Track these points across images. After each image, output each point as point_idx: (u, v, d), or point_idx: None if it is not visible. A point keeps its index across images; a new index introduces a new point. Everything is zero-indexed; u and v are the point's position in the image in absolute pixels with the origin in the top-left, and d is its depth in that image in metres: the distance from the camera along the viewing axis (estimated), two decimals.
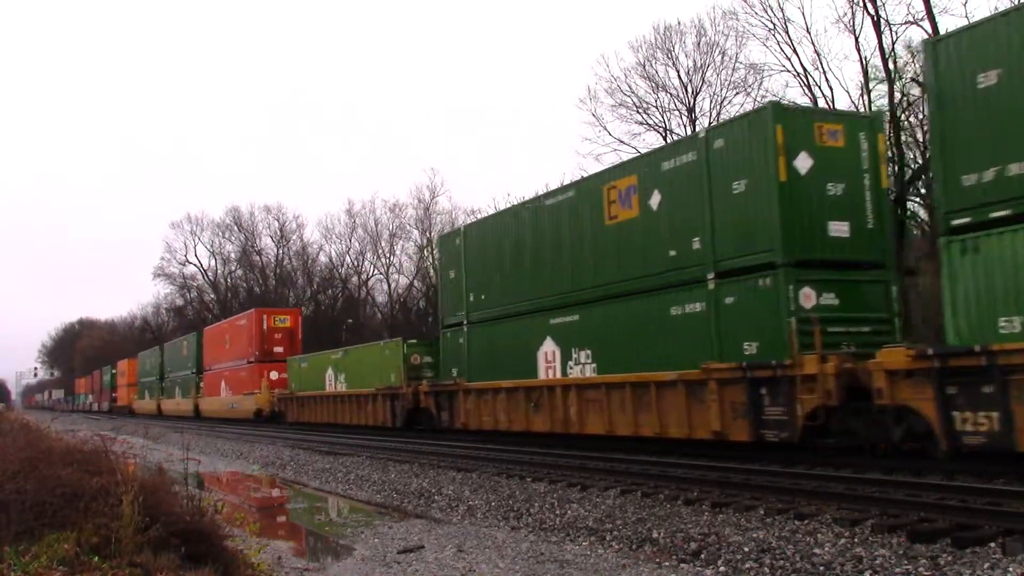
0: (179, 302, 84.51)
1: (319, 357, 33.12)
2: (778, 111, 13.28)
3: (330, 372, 31.01)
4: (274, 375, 38.18)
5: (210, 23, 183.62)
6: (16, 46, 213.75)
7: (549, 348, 18.04)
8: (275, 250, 76.08)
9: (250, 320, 40.72)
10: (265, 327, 39.76)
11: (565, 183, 23.89)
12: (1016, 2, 10.25)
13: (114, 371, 77.00)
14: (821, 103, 32.63)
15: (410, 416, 24.35)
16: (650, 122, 38.65)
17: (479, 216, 50.10)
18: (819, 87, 33.37)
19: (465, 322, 21.39)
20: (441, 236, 27.89)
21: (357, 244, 68.13)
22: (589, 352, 16.83)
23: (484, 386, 20.06)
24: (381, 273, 66.26)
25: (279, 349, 39.23)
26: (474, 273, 21.21)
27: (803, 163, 13.09)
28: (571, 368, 17.23)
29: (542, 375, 18.08)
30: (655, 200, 15.23)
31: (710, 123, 37.15)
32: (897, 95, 30.30)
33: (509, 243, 19.79)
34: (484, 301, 20.69)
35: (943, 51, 11.04)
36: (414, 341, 25.84)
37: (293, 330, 40.67)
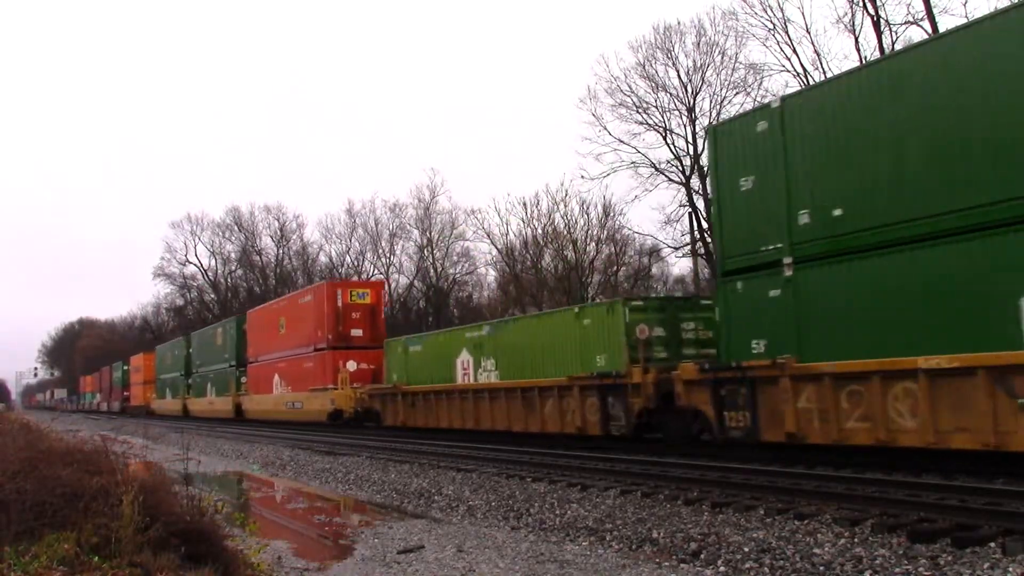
0: (179, 302, 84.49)
1: (445, 336, 24.39)
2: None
3: (465, 356, 22.28)
4: (352, 365, 29.71)
5: (211, 23, 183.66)
6: (17, 45, 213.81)
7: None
8: (275, 250, 76.09)
9: (319, 296, 31.26)
10: (340, 304, 30.41)
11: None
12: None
13: (126, 367, 70.97)
14: None
15: (645, 419, 16.12)
16: (650, 122, 38.69)
17: (477, 215, 49.96)
18: None
19: (789, 260, 12.85)
20: (720, 126, 15.59)
21: (357, 244, 68.10)
22: None
23: (847, 368, 11.69)
24: (381, 273, 66.28)
25: (357, 332, 30.34)
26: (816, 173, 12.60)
27: None
28: None
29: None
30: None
31: (709, 123, 37.25)
32: None
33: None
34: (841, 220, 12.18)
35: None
36: (639, 302, 17.36)
37: (375, 307, 31.29)
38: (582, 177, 61.60)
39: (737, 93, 36.86)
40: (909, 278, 11.05)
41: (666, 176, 39.19)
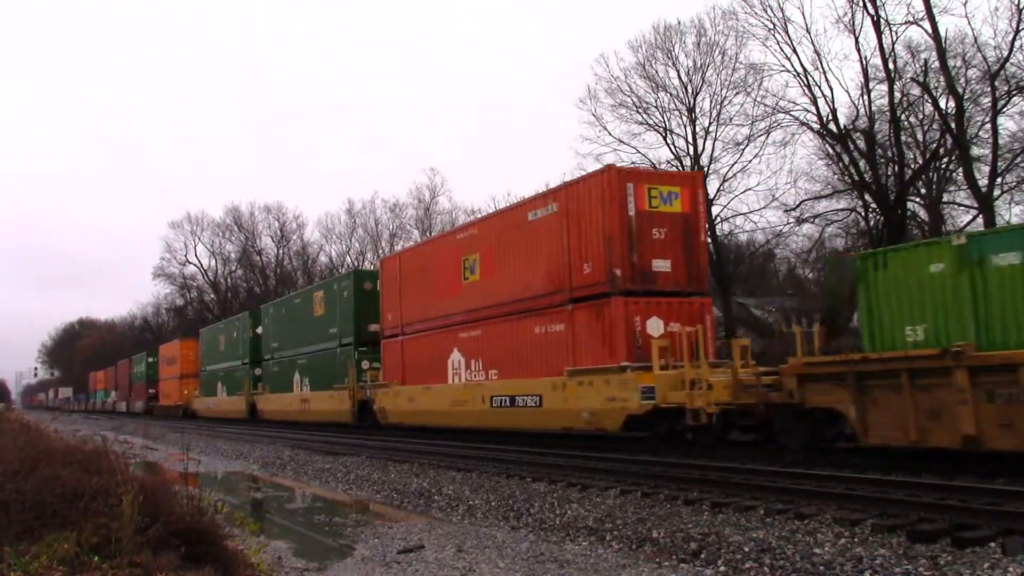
0: (179, 302, 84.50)
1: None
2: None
3: None
4: (656, 325, 15.24)
5: (211, 23, 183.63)
6: (17, 44, 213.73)
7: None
8: (275, 250, 76.10)
9: (592, 194, 16.04)
10: (632, 212, 15.59)
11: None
12: None
13: (152, 359, 59.75)
14: (821, 103, 32.41)
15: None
16: (650, 122, 38.60)
17: (477, 215, 50.31)
18: (819, 87, 33.36)
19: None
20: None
21: (357, 244, 68.11)
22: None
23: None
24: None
25: (662, 266, 15.80)
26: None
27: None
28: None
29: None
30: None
31: (709, 123, 37.14)
32: (897, 95, 30.31)
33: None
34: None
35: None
36: None
37: (690, 219, 16.25)
38: None
39: (737, 93, 36.79)
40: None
41: None
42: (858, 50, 31.25)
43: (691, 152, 37.97)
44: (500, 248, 18.89)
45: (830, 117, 32.63)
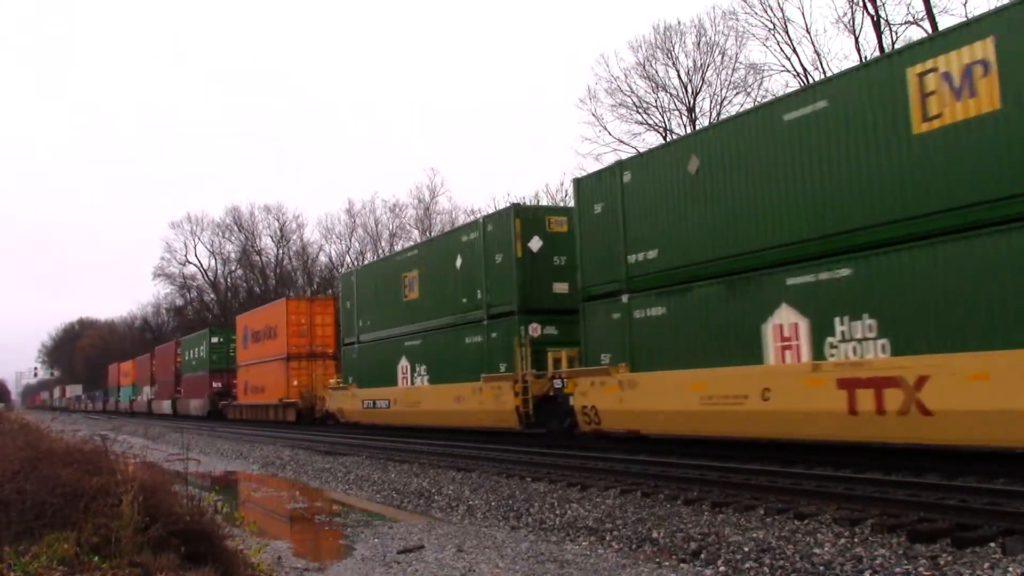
0: (179, 302, 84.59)
1: None
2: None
3: None
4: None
5: (211, 23, 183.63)
6: (17, 44, 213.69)
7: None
8: (275, 250, 76.15)
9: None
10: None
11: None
12: None
13: (217, 339, 42.78)
14: None
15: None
16: (650, 122, 38.67)
17: (477, 215, 50.07)
18: None
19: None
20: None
21: (357, 244, 68.10)
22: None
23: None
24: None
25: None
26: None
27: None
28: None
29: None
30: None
31: (709, 122, 37.15)
32: None
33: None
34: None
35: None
36: None
37: None
38: None
39: (737, 93, 36.91)
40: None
41: None
42: (858, 50, 31.36)
43: None
44: None
45: None
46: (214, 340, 43.38)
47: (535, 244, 18.69)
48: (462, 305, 20.46)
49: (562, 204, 37.75)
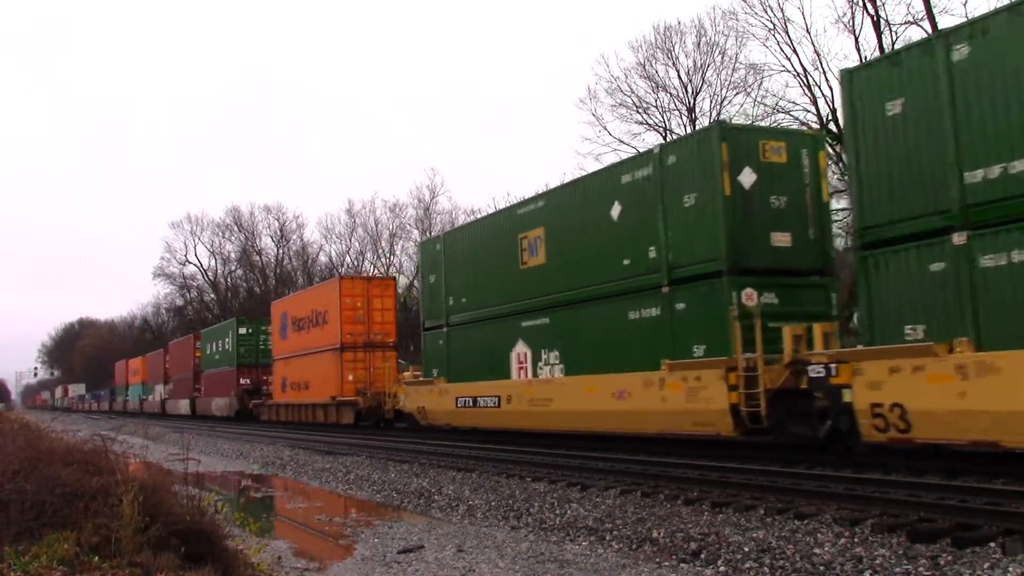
0: (179, 302, 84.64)
1: None
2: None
3: None
4: None
5: (211, 23, 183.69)
6: (17, 43, 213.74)
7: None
8: (275, 250, 76.18)
9: None
10: None
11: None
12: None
13: (246, 329, 38.74)
14: (821, 103, 32.21)
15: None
16: (650, 122, 38.65)
17: (477, 215, 49.87)
18: (819, 87, 33.35)
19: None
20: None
21: (357, 244, 68.09)
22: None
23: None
24: (381, 273, 66.28)
25: None
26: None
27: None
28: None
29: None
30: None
31: (710, 121, 37.17)
32: None
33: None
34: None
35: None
36: None
37: None
38: None
39: (737, 93, 36.85)
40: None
41: None
42: (858, 50, 31.28)
43: None
44: None
45: (830, 117, 32.65)
46: (242, 331, 38.86)
47: (747, 178, 13.51)
48: (622, 269, 15.38)
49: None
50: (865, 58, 31.02)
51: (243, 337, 38.53)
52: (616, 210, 15.65)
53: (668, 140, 16.91)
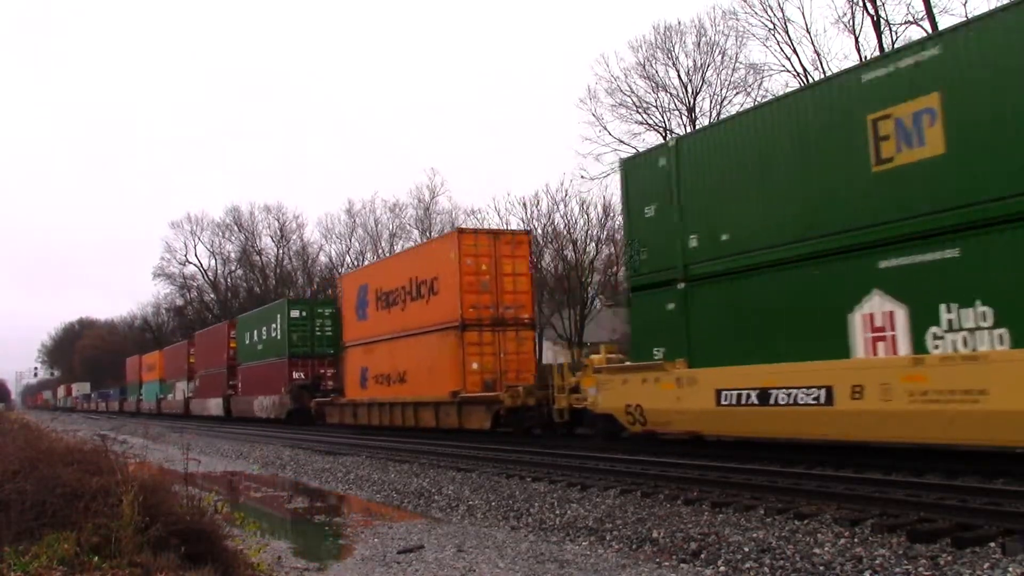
0: (179, 302, 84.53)
1: None
2: None
3: None
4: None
5: (211, 23, 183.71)
6: (17, 42, 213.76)
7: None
8: (275, 250, 76.09)
9: None
10: None
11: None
12: None
13: (300, 312, 32.20)
14: None
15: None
16: (650, 122, 38.64)
17: (477, 215, 49.50)
18: None
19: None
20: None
21: (357, 244, 67.96)
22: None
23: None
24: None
25: None
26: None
27: None
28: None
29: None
30: None
31: (708, 122, 37.18)
32: None
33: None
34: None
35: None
36: None
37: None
38: (582, 177, 62.53)
39: (737, 93, 36.85)
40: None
41: None
42: (858, 50, 31.30)
43: None
44: None
45: None
46: (294, 314, 31.45)
47: None
48: None
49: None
50: (865, 58, 31.05)
51: (295, 322, 31.36)
52: None
53: None
